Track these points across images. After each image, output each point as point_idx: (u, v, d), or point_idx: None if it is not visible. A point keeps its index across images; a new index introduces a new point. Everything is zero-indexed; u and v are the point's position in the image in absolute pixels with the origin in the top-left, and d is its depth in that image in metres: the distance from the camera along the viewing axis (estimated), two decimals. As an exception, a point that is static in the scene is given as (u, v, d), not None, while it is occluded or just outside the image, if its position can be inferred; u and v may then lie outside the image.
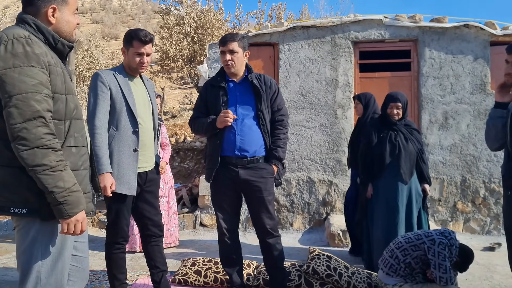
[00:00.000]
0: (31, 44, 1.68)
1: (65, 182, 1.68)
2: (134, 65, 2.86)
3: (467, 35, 5.66)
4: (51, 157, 1.65)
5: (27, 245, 1.78)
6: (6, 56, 1.64)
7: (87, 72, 13.76)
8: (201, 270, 3.70)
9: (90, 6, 46.18)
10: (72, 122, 1.83)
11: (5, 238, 5.43)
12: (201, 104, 3.20)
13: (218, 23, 13.17)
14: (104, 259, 3.04)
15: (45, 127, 1.66)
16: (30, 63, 1.66)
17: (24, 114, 1.62)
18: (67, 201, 1.68)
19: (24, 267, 1.80)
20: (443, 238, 3.01)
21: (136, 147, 2.82)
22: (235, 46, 3.03)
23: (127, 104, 2.80)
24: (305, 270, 3.60)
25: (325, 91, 5.85)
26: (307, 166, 5.84)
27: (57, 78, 1.76)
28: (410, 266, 3.09)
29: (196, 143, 10.09)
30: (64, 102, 1.79)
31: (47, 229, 1.79)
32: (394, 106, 3.89)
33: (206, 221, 5.91)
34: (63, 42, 1.84)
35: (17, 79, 1.63)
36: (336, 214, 5.71)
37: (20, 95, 1.63)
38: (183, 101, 16.42)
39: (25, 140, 1.62)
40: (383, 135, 3.93)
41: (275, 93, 3.17)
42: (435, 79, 5.71)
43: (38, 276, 1.78)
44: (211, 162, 3.11)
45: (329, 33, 5.86)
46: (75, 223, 1.73)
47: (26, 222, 1.78)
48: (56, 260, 1.81)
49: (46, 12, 1.79)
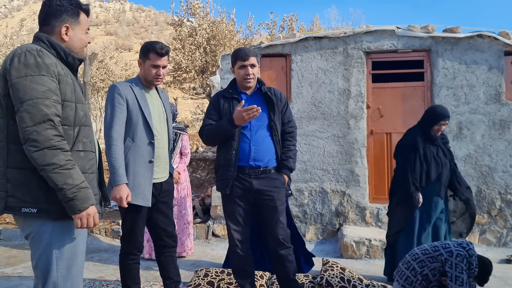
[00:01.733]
0: (42, 56, 1.83)
1: (74, 180, 1.80)
2: (150, 77, 2.90)
3: (481, 45, 5.63)
4: (60, 157, 1.78)
5: (43, 250, 1.87)
6: (19, 66, 1.80)
7: (101, 83, 13.94)
8: (214, 281, 3.70)
9: (104, 18, 46.91)
10: (81, 128, 1.96)
11: (20, 248, 5.49)
12: (214, 113, 3.17)
13: (230, 34, 13.27)
14: (117, 269, 3.06)
15: (53, 129, 1.79)
16: (40, 72, 1.80)
17: (34, 117, 1.76)
18: (76, 196, 1.80)
19: (41, 272, 1.89)
20: (461, 249, 2.97)
21: (151, 159, 2.85)
22: (255, 60, 3.11)
23: (143, 115, 2.83)
24: (318, 281, 3.57)
25: (338, 101, 5.85)
26: (320, 176, 5.82)
27: (66, 87, 1.89)
28: (427, 279, 3.05)
29: (208, 153, 10.13)
30: (74, 109, 1.92)
31: (59, 234, 1.88)
32: (443, 124, 3.85)
33: (218, 231, 5.91)
34: (73, 56, 1.99)
35: (28, 86, 1.77)
36: (349, 225, 5.67)
37: (31, 101, 1.77)
38: (195, 111, 16.53)
39: (36, 142, 1.75)
40: (426, 149, 3.88)
41: (285, 105, 3.24)
42: (448, 89, 5.68)
43: (55, 281, 1.87)
44: (226, 172, 3.09)
45: (341, 44, 5.88)
46: (87, 217, 1.85)
47: (39, 227, 1.87)
48: (71, 264, 1.91)
49: (60, 31, 1.97)
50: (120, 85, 2.86)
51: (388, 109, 5.84)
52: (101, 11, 53.33)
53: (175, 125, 4.96)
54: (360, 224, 5.70)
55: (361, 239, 5.08)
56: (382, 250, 5.00)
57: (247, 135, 3.05)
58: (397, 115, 5.81)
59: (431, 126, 3.86)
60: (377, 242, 5.03)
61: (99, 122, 10.21)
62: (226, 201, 3.18)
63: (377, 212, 5.67)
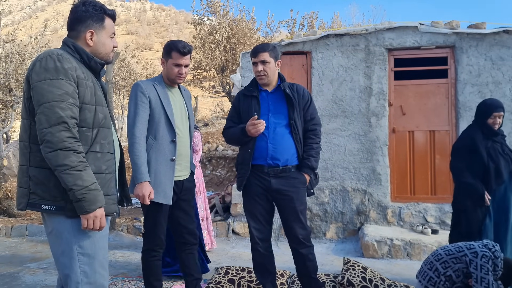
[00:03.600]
0: (62, 60, 1.90)
1: (83, 181, 1.86)
2: (172, 76, 2.92)
3: (507, 41, 5.48)
4: (71, 158, 1.84)
5: (64, 247, 1.94)
6: (40, 70, 1.89)
7: (123, 82, 14.12)
8: (235, 278, 3.70)
9: (125, 18, 47.51)
10: (100, 130, 2.03)
11: (46, 243, 5.62)
12: (234, 114, 3.23)
13: (250, 32, 13.27)
14: (139, 266, 3.10)
15: (67, 131, 1.85)
16: (58, 76, 1.88)
17: (49, 120, 1.83)
18: (85, 198, 1.86)
19: (63, 269, 1.96)
20: (486, 250, 2.90)
21: (173, 157, 2.86)
22: (267, 56, 3.06)
23: (166, 114, 2.85)
24: (339, 281, 3.54)
25: (359, 99, 5.78)
26: (341, 175, 5.77)
27: (86, 91, 1.96)
28: (451, 280, 2.99)
29: (228, 151, 10.16)
30: (93, 112, 1.99)
31: (78, 231, 1.94)
32: (497, 115, 3.59)
33: (238, 229, 5.92)
34: (95, 60, 2.06)
35: (46, 89, 1.86)
36: (371, 224, 5.61)
37: (47, 103, 1.84)
38: (214, 110, 16.60)
39: (50, 143, 1.83)
40: (489, 146, 3.59)
41: (308, 102, 3.16)
42: (473, 86, 5.55)
43: (78, 278, 1.93)
44: (242, 170, 3.12)
45: (363, 41, 5.81)
46: (93, 219, 1.90)
47: (58, 224, 1.94)
48: (92, 261, 1.96)
49: (85, 36, 2.05)
50: (143, 84, 2.89)
51: (410, 107, 5.74)
52: (122, 10, 54.04)
53: None
54: (382, 223, 5.63)
55: (383, 239, 5.01)
56: (404, 250, 4.93)
57: (265, 133, 3.03)
58: (419, 113, 5.71)
59: (485, 120, 3.63)
60: (399, 242, 4.96)
61: (120, 120, 10.34)
62: (247, 199, 3.19)
63: (399, 211, 5.60)
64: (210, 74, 15.07)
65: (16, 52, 8.64)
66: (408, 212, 5.57)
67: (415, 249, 4.90)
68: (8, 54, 8.33)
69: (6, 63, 8.23)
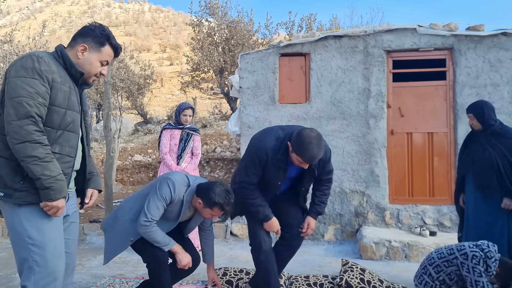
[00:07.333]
0: (40, 62, 2.01)
1: (51, 171, 1.98)
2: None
3: (505, 43, 5.49)
4: (39, 150, 1.96)
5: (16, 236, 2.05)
6: (18, 68, 2.01)
7: (121, 83, 14.10)
8: (233, 280, 3.69)
9: (123, 19, 47.48)
10: (64, 133, 2.12)
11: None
12: (258, 170, 3.04)
13: (248, 34, 13.28)
14: (137, 267, 3.09)
15: (35, 125, 1.96)
16: (33, 75, 1.99)
17: (18, 113, 1.94)
18: (52, 186, 1.98)
19: (18, 257, 2.08)
20: (477, 251, 2.86)
21: None
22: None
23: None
24: (338, 282, 3.54)
25: (357, 101, 5.79)
26: (339, 176, 5.76)
27: (59, 94, 2.06)
28: (445, 283, 2.98)
29: (226, 153, 10.15)
30: (62, 114, 2.09)
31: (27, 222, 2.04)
32: (469, 117, 3.79)
33: (236, 230, 5.91)
34: (76, 68, 2.16)
35: (19, 85, 1.97)
36: (369, 226, 5.61)
37: (17, 98, 1.95)
38: (213, 111, 16.59)
39: (18, 135, 1.94)
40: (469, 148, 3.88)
41: (327, 161, 3.14)
42: (471, 89, 5.56)
43: (31, 267, 2.03)
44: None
45: (361, 42, 5.81)
46: (55, 207, 2.02)
47: (10, 213, 2.05)
48: (43, 250, 2.05)
49: (78, 48, 2.17)
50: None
51: (409, 108, 5.75)
52: (120, 12, 54.00)
53: (189, 126, 5.12)
54: (380, 225, 5.63)
55: (381, 240, 5.01)
56: (402, 252, 4.93)
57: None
58: (418, 115, 5.72)
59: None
60: (397, 244, 4.96)
61: (118, 122, 10.33)
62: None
63: (397, 213, 5.59)
64: (209, 76, 15.08)
65: (14, 52, 8.63)
66: (406, 214, 5.57)
67: (413, 251, 4.90)
68: (6, 55, 8.31)
69: (3, 64, 8.21)
